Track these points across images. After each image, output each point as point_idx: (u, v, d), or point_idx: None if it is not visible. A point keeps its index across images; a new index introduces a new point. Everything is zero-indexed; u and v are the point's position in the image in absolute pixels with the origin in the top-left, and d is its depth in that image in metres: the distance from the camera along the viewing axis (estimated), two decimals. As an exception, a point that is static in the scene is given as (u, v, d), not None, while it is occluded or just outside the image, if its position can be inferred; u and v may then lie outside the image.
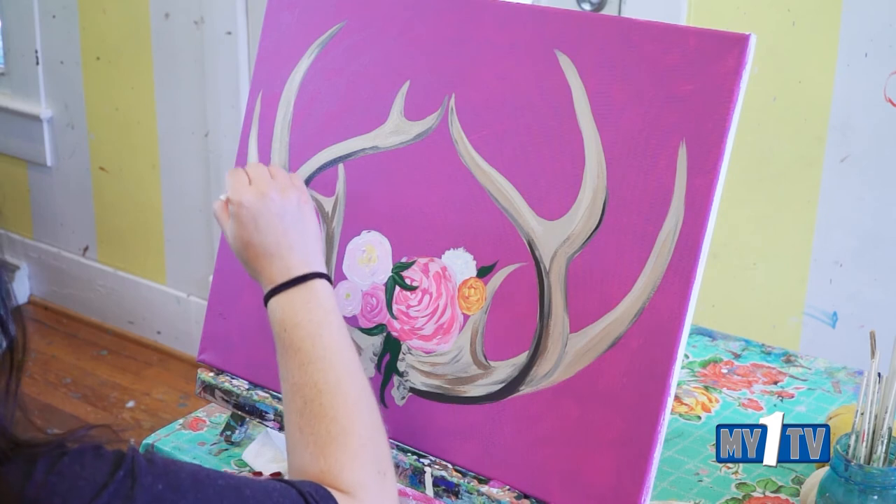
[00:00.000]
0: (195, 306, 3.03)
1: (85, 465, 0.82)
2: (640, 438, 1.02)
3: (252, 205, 1.10)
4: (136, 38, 2.93)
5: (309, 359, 1.03)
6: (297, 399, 1.01)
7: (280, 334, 1.06)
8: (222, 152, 2.82)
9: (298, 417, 1.00)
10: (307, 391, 1.01)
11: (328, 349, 1.03)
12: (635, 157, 1.05)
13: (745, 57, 1.00)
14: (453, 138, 1.16)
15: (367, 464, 0.97)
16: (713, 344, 1.61)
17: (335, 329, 1.05)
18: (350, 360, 1.04)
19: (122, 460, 0.84)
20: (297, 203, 1.12)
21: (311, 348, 1.03)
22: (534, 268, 1.10)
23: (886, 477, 1.09)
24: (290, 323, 1.05)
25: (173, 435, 1.37)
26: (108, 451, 0.85)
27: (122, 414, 2.89)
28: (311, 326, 1.04)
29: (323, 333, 1.04)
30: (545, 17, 1.12)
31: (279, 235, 1.09)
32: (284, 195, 1.11)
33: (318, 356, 1.03)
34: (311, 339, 1.04)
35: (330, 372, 1.02)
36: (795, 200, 2.06)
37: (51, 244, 3.35)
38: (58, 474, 0.81)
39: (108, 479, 0.82)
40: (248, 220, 1.10)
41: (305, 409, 1.00)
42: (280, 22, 1.30)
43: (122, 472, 0.83)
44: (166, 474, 0.85)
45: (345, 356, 1.04)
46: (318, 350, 1.03)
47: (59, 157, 3.22)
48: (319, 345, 1.03)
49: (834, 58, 1.96)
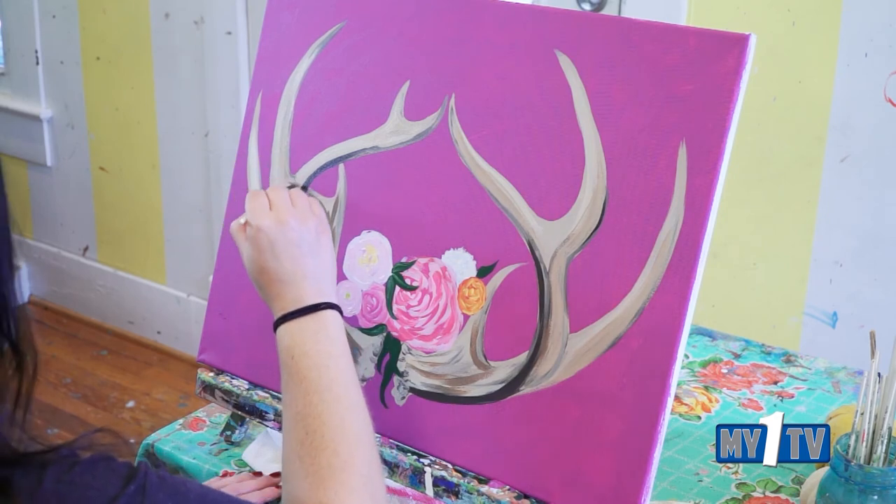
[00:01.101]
0: (195, 306, 3.03)
1: (96, 476, 0.82)
2: (640, 438, 1.02)
3: (270, 231, 1.10)
4: (136, 38, 2.93)
5: (314, 389, 1.02)
6: (300, 428, 1.00)
7: (287, 361, 1.05)
8: (222, 152, 2.82)
9: (299, 447, 0.99)
10: (310, 421, 1.00)
11: (334, 381, 1.03)
12: (635, 157, 1.05)
13: (745, 57, 1.00)
14: (453, 138, 1.16)
15: (366, 500, 0.97)
16: (713, 344, 1.61)
17: (342, 361, 1.05)
18: (355, 394, 1.04)
19: (135, 475, 0.84)
20: (315, 232, 1.12)
21: (317, 378, 1.03)
22: (534, 268, 1.10)
23: (886, 477, 1.09)
24: (298, 351, 1.05)
25: (173, 435, 1.37)
26: (120, 463, 0.85)
27: (122, 414, 2.89)
28: (319, 357, 1.04)
29: (330, 365, 1.04)
30: (545, 17, 1.12)
31: (294, 263, 1.09)
32: (303, 223, 1.11)
33: (324, 387, 1.02)
34: (318, 369, 1.03)
35: (335, 404, 1.01)
36: (795, 200, 2.06)
37: (51, 244, 3.35)
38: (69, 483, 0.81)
39: (119, 492, 0.82)
40: (266, 245, 1.10)
41: (307, 439, 0.99)
42: (280, 22, 1.30)
43: (133, 486, 0.83)
44: (176, 492, 0.85)
45: (350, 390, 1.03)
46: (325, 381, 1.02)
47: (59, 157, 3.22)
48: (326, 376, 1.03)
49: (834, 58, 1.96)
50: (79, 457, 0.83)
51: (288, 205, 1.12)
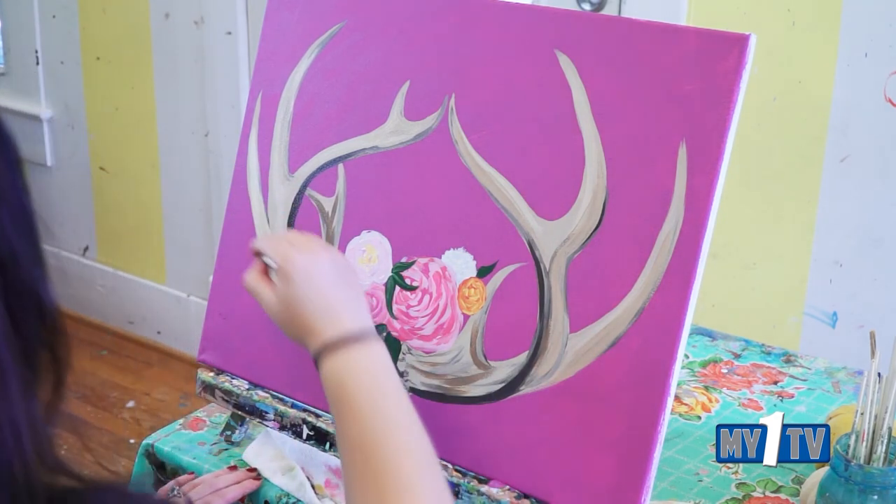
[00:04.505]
0: (195, 306, 3.03)
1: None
2: (640, 438, 1.02)
3: (304, 262, 1.07)
4: (136, 38, 2.93)
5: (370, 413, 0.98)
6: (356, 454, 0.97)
7: (335, 389, 1.01)
8: (222, 152, 2.82)
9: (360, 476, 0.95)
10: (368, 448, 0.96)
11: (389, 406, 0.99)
12: (635, 157, 1.05)
13: (745, 57, 1.00)
14: (453, 138, 1.16)
15: None
16: (713, 344, 1.61)
17: (395, 384, 1.01)
18: (411, 417, 1.00)
19: None
20: (343, 260, 1.10)
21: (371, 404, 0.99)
22: (534, 268, 1.10)
23: (886, 477, 1.09)
24: (349, 378, 1.01)
25: (173, 435, 1.37)
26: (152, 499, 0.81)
27: (122, 414, 2.89)
28: (371, 382, 1.00)
29: (384, 390, 1.00)
30: (545, 17, 1.12)
31: (335, 291, 1.06)
32: (330, 252, 1.09)
33: (381, 413, 0.98)
34: (370, 393, 0.99)
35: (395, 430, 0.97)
36: (795, 200, 2.06)
37: (50, 244, 3.35)
38: None
39: None
40: (302, 277, 1.06)
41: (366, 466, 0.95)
42: (280, 22, 1.30)
43: None
44: None
45: (406, 414, 1.00)
46: (380, 404, 0.99)
47: (59, 157, 3.22)
48: (381, 402, 0.99)
49: (834, 58, 1.96)
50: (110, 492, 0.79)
51: (308, 239, 1.10)
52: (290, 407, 1.25)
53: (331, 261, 1.08)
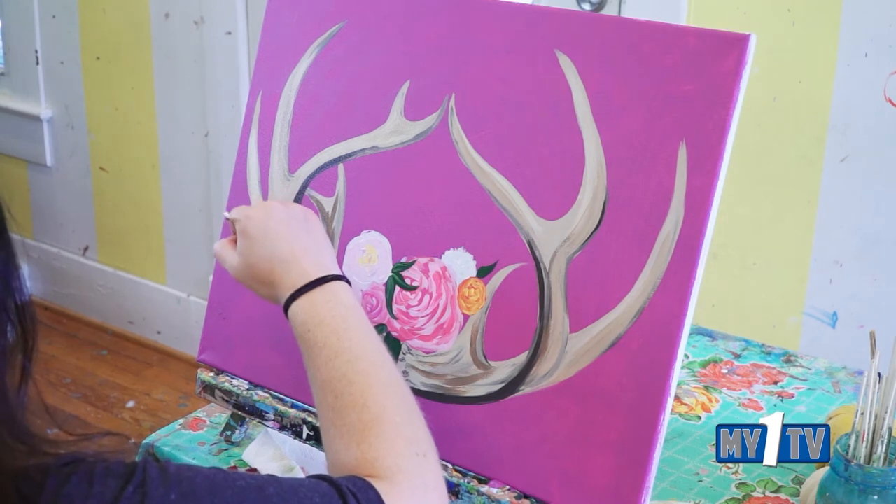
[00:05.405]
0: (195, 306, 3.04)
1: (93, 483, 0.80)
2: (640, 438, 1.02)
3: (259, 216, 1.12)
4: (136, 38, 2.93)
5: (335, 353, 1.01)
6: (328, 395, 1.00)
7: (304, 335, 1.04)
8: (222, 152, 2.83)
9: (331, 413, 0.99)
10: (336, 384, 1.00)
11: (353, 340, 1.02)
12: (635, 157, 1.05)
13: (745, 57, 1.00)
14: (453, 138, 1.16)
15: (404, 447, 0.95)
16: (713, 344, 1.61)
17: (359, 322, 1.04)
18: (377, 349, 1.03)
19: (133, 473, 0.82)
20: (301, 212, 1.14)
21: (336, 342, 1.02)
22: (534, 268, 1.10)
23: (886, 477, 1.09)
24: (312, 322, 1.04)
25: (173, 435, 1.37)
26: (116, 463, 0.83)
27: (122, 414, 2.89)
28: (335, 322, 1.03)
29: (348, 327, 1.03)
30: (545, 17, 1.12)
31: (291, 241, 1.10)
32: (288, 206, 1.14)
33: (345, 348, 1.02)
34: (336, 334, 1.03)
35: (357, 362, 1.00)
36: (795, 200, 2.06)
37: (51, 244, 3.35)
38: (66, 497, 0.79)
39: (118, 495, 0.80)
40: (259, 231, 1.11)
41: (336, 402, 0.99)
42: (280, 22, 1.30)
43: (131, 486, 0.81)
44: (180, 483, 0.83)
45: (371, 345, 1.03)
46: (344, 342, 1.02)
47: (59, 157, 3.22)
48: (345, 337, 1.02)
49: (834, 58, 1.96)
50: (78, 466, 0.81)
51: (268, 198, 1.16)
52: (290, 407, 1.25)
53: (285, 211, 1.12)
